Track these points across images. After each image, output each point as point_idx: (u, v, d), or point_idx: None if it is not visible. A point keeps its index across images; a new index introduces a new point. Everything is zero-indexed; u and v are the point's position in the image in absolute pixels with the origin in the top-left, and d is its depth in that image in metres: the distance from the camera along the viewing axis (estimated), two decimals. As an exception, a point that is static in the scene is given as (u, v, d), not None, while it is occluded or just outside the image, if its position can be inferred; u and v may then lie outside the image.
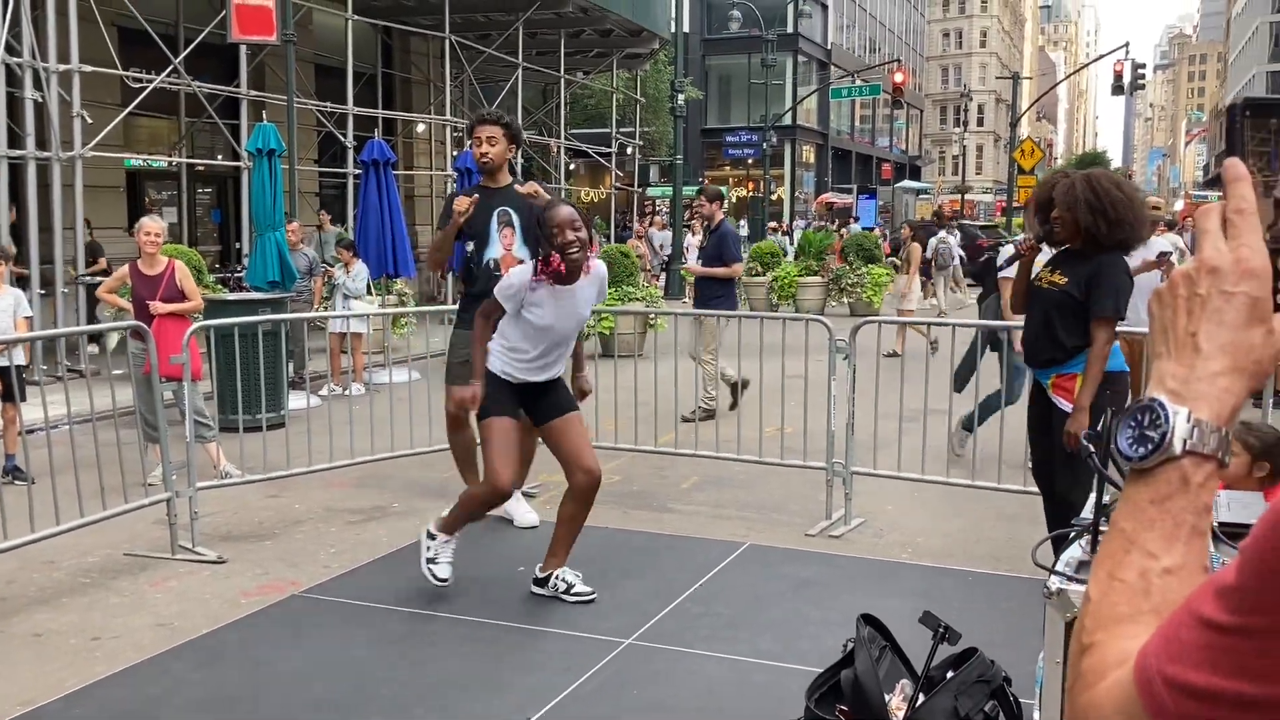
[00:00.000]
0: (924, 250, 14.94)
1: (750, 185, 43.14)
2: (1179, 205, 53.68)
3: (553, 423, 4.63)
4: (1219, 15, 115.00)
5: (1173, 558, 0.80)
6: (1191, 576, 0.80)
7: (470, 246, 5.80)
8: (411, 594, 4.77)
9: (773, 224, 33.78)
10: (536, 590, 4.72)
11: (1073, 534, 2.73)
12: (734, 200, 44.61)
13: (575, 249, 4.32)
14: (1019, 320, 5.06)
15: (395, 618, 4.51)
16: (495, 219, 5.75)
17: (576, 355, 4.96)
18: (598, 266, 4.60)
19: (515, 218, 5.74)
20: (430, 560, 4.65)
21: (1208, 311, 0.82)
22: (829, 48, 53.76)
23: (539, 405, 4.68)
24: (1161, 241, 9.10)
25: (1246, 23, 71.58)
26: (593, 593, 4.66)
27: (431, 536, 4.68)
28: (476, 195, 5.70)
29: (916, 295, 14.16)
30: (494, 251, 5.76)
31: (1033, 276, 4.74)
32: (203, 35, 13.57)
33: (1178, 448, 0.80)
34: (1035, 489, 5.87)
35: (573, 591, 4.66)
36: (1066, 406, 4.50)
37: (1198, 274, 0.83)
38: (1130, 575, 0.81)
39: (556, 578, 4.69)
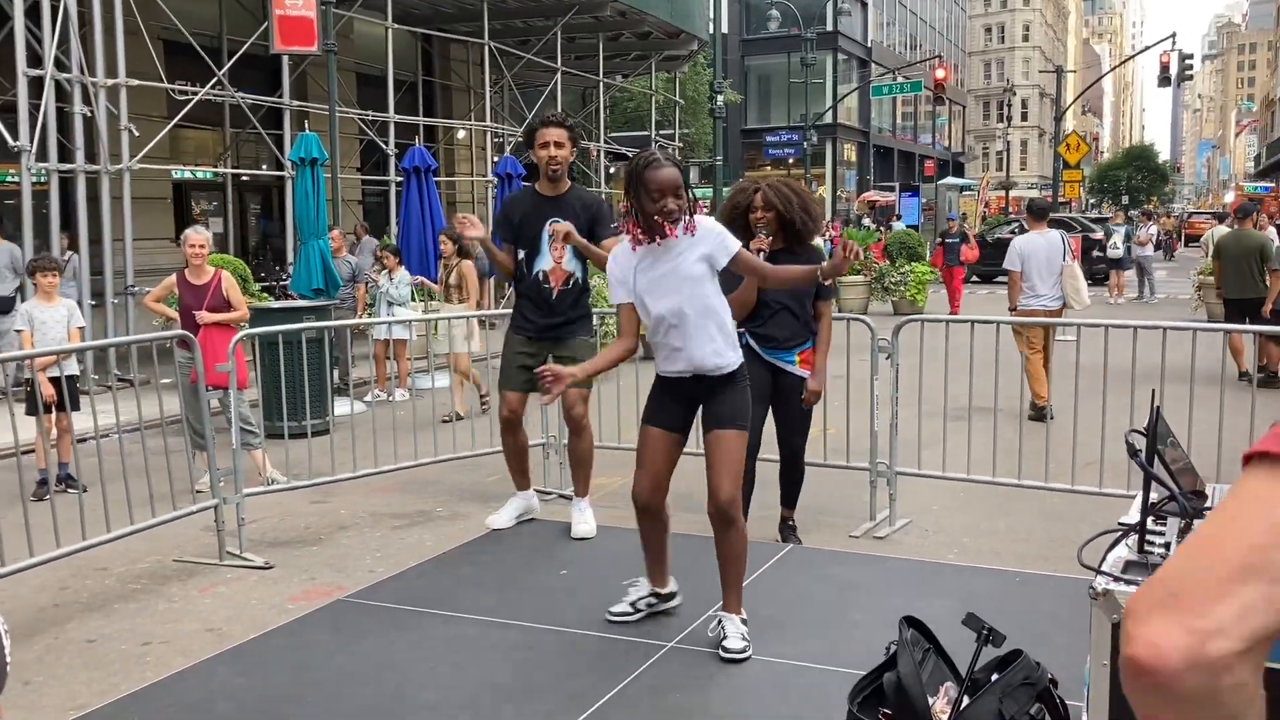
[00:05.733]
0: None
1: (792, 185, 42.95)
2: (1229, 197, 52.72)
3: (707, 436, 4.20)
4: (1269, 3, 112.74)
5: None
6: None
7: (522, 254, 5.72)
8: (454, 598, 4.80)
9: None
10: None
11: (1119, 534, 2.68)
12: (775, 200, 44.42)
13: (674, 216, 3.95)
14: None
15: (437, 621, 4.53)
16: (547, 229, 5.55)
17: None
18: (705, 223, 4.09)
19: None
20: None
21: None
22: (869, 45, 53.43)
23: (706, 411, 4.21)
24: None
25: (1297, 10, 70.19)
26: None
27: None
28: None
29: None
30: (544, 263, 5.64)
31: None
32: (246, 47, 13.76)
33: None
34: (1082, 488, 5.80)
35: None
36: (805, 374, 5.37)
37: None
38: None
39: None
